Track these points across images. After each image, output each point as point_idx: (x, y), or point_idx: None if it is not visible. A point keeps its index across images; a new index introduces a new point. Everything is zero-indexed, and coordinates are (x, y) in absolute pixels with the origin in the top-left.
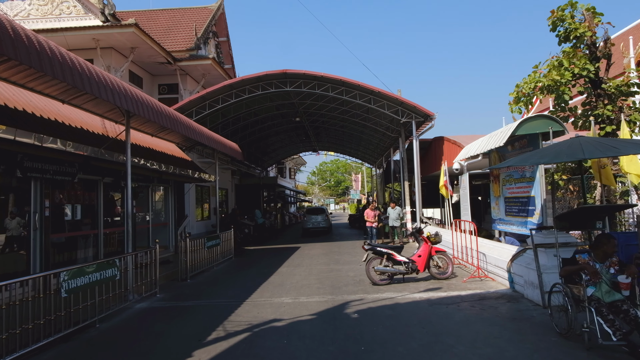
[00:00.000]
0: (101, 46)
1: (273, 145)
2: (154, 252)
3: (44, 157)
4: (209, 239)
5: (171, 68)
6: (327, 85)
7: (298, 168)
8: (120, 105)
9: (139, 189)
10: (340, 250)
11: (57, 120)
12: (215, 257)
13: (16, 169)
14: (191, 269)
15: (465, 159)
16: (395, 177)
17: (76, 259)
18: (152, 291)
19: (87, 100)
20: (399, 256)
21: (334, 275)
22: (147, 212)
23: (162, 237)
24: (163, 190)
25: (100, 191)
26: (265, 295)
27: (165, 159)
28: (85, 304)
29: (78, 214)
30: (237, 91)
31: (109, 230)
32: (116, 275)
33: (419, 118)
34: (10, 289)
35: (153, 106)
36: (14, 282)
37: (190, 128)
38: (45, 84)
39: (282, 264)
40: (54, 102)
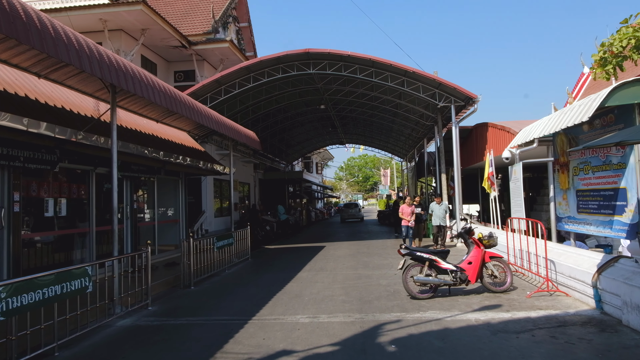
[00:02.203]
0: (109, 28)
1: (298, 137)
2: (144, 255)
3: (11, 141)
4: (220, 238)
5: (186, 53)
6: (354, 67)
7: (325, 163)
8: (96, 73)
9: (142, 181)
10: (370, 251)
11: (33, 98)
12: (228, 258)
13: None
14: (197, 274)
15: (518, 146)
16: (430, 170)
17: (59, 263)
18: (143, 302)
19: (69, 75)
20: (444, 263)
21: (362, 284)
22: (153, 208)
23: (171, 235)
24: (172, 183)
25: (92, 183)
26: (277, 310)
27: (172, 147)
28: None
29: (63, 209)
30: (255, 74)
31: (105, 229)
32: (87, 288)
33: (459, 102)
34: None
35: (141, 78)
36: None
37: (194, 109)
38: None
39: (303, 267)
40: (30, 78)
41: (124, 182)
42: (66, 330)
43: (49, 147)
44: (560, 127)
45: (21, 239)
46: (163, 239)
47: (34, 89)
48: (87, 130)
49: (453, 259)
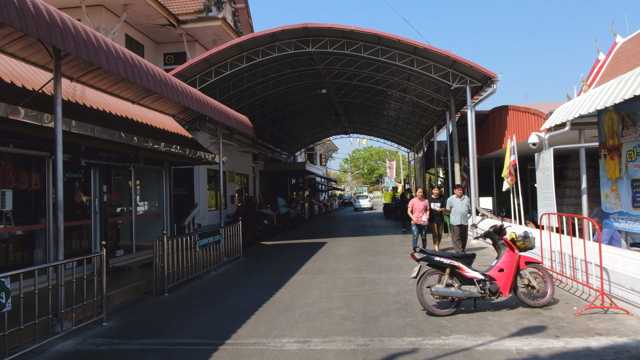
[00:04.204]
0: (87, 3)
1: (299, 126)
2: (99, 259)
3: None
4: (204, 236)
5: (176, 33)
6: (358, 44)
7: (329, 154)
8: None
9: (114, 170)
10: (375, 249)
11: None
12: (215, 257)
13: None
14: (175, 277)
15: (547, 130)
16: (440, 161)
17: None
18: (97, 317)
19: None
20: (469, 270)
21: (367, 292)
22: (129, 200)
23: (153, 231)
24: (154, 172)
25: (48, 172)
26: (259, 329)
27: (151, 132)
28: None
29: (7, 202)
30: (249, 54)
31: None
32: (4, 306)
33: (475, 82)
34: None
35: (89, 39)
36: None
37: (163, 82)
38: None
39: (299, 268)
40: None
41: (90, 171)
42: None
43: None
44: (623, 98)
45: None
46: (143, 235)
47: None
48: (35, 108)
49: (479, 266)
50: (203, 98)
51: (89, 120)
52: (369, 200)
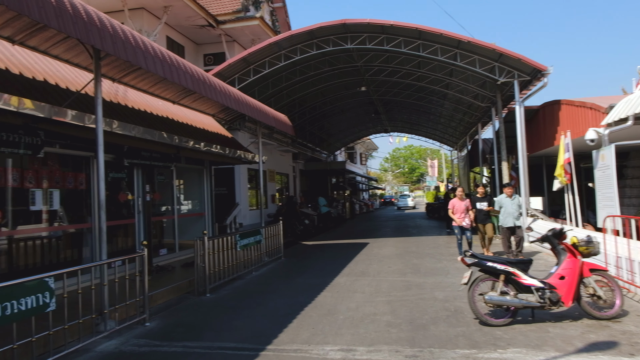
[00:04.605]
0: (130, 7)
1: (338, 125)
2: (140, 259)
3: None
4: (244, 236)
5: (215, 33)
6: (398, 39)
7: (369, 153)
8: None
9: (156, 170)
10: (419, 251)
11: (4, 68)
12: (256, 257)
13: None
14: (216, 277)
15: (607, 125)
16: (485, 159)
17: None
18: (139, 317)
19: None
20: (526, 278)
21: (413, 297)
22: (172, 200)
23: (195, 230)
24: (195, 172)
25: (92, 172)
26: (301, 335)
27: (191, 132)
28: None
29: (54, 202)
30: (287, 52)
31: (113, 224)
32: (47, 306)
33: (524, 76)
34: None
35: (127, 38)
36: None
37: (201, 81)
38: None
39: (341, 270)
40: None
41: (134, 171)
42: (32, 355)
43: (29, 127)
44: None
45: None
46: (186, 234)
47: (8, 59)
48: (78, 109)
49: (534, 272)
50: (241, 97)
51: (131, 120)
52: (411, 199)
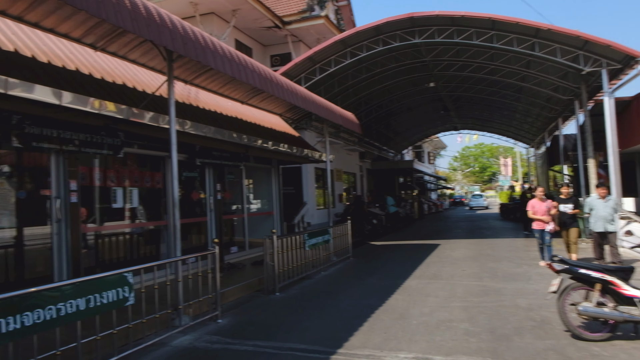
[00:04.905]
0: (200, 12)
1: (406, 123)
2: (212, 256)
3: (63, 122)
4: (313, 235)
5: (281, 34)
6: (469, 31)
7: (438, 152)
8: (143, 34)
9: (227, 169)
10: (496, 254)
11: (87, 73)
12: (324, 257)
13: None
14: (285, 276)
15: None
16: (567, 157)
17: (129, 260)
18: (212, 314)
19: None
20: (627, 287)
21: (492, 304)
22: (242, 199)
23: (264, 229)
24: (264, 171)
25: (167, 171)
26: (373, 339)
27: (259, 131)
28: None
29: (134, 200)
30: (352, 49)
31: (187, 221)
32: (126, 300)
33: (614, 64)
34: None
35: (197, 39)
36: None
37: (268, 79)
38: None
39: (412, 272)
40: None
41: (205, 170)
42: (114, 346)
43: (110, 129)
44: None
45: (80, 232)
46: (255, 232)
47: (92, 64)
48: (153, 111)
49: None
50: (308, 95)
51: (203, 120)
52: (484, 199)
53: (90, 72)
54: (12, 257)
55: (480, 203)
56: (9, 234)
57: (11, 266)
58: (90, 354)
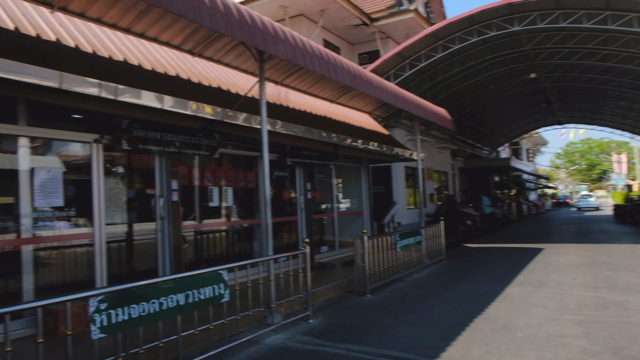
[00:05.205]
0: (290, 15)
1: (502, 119)
2: (303, 256)
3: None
4: (404, 236)
5: (369, 32)
6: (578, 13)
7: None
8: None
9: (316, 168)
10: (612, 261)
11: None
12: (416, 259)
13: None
14: (375, 277)
15: None
16: None
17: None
18: (303, 314)
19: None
20: None
21: (613, 319)
22: (331, 198)
23: (354, 229)
24: (353, 170)
25: (259, 171)
26: (473, 351)
27: (349, 130)
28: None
29: (229, 199)
30: (444, 42)
31: (278, 220)
32: (222, 297)
33: None
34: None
35: (287, 38)
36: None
37: (357, 77)
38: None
39: (513, 278)
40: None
41: (295, 170)
42: (211, 341)
43: (207, 130)
44: None
45: (181, 230)
46: (345, 232)
47: (190, 70)
48: (246, 112)
49: None
50: (398, 91)
51: (293, 120)
52: (594, 199)
53: (188, 77)
54: (124, 250)
55: (589, 204)
56: (121, 229)
57: (123, 259)
58: (189, 346)
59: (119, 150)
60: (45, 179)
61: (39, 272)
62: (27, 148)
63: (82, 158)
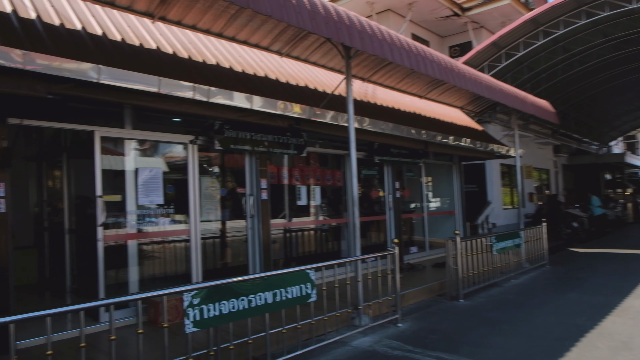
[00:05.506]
0: (377, 10)
1: (614, 110)
2: (392, 257)
3: (254, 125)
4: (501, 238)
5: (460, 22)
6: None
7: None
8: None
9: (405, 166)
10: None
11: (274, 78)
12: (514, 264)
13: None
14: (469, 282)
15: None
16: None
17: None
18: (392, 317)
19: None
20: None
21: None
22: (420, 197)
23: (444, 229)
24: (444, 168)
25: (346, 169)
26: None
27: (439, 126)
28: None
29: (317, 197)
30: (546, 28)
31: (367, 219)
32: (309, 296)
33: None
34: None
35: (372, 32)
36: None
37: (449, 69)
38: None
39: (632, 289)
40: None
41: (383, 168)
42: (298, 340)
43: (294, 129)
44: None
45: (270, 228)
46: (436, 233)
47: (278, 70)
48: (332, 110)
49: None
50: (493, 83)
51: (380, 117)
52: None
53: (276, 77)
54: (218, 247)
55: None
56: (215, 226)
57: (217, 255)
58: (277, 344)
59: (212, 151)
60: (148, 179)
61: (142, 264)
62: (131, 150)
63: (180, 159)
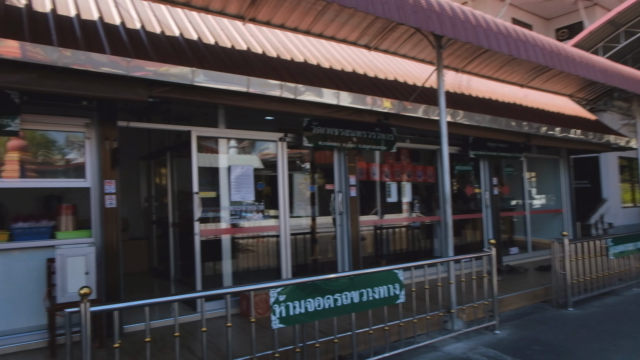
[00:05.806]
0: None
1: None
2: (488, 258)
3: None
4: (619, 240)
5: (569, 1)
6: None
7: None
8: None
9: (504, 161)
10: None
11: (362, 73)
12: (635, 270)
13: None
14: (579, 289)
15: None
16: None
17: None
18: (488, 323)
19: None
20: None
21: None
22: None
23: (550, 229)
24: (549, 163)
25: (438, 164)
26: None
27: (543, 117)
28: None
29: (406, 194)
30: None
31: (460, 217)
32: (397, 297)
33: None
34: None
35: (465, 17)
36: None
37: (555, 53)
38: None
39: None
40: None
41: (479, 163)
42: (386, 341)
43: (384, 124)
44: None
45: (359, 225)
46: (539, 232)
47: (366, 64)
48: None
49: None
50: (610, 66)
51: (476, 109)
52: None
53: (364, 71)
54: (307, 242)
55: None
56: (304, 222)
57: (307, 251)
58: (364, 344)
59: (301, 148)
60: (239, 175)
61: (235, 258)
62: (224, 148)
63: (270, 156)
